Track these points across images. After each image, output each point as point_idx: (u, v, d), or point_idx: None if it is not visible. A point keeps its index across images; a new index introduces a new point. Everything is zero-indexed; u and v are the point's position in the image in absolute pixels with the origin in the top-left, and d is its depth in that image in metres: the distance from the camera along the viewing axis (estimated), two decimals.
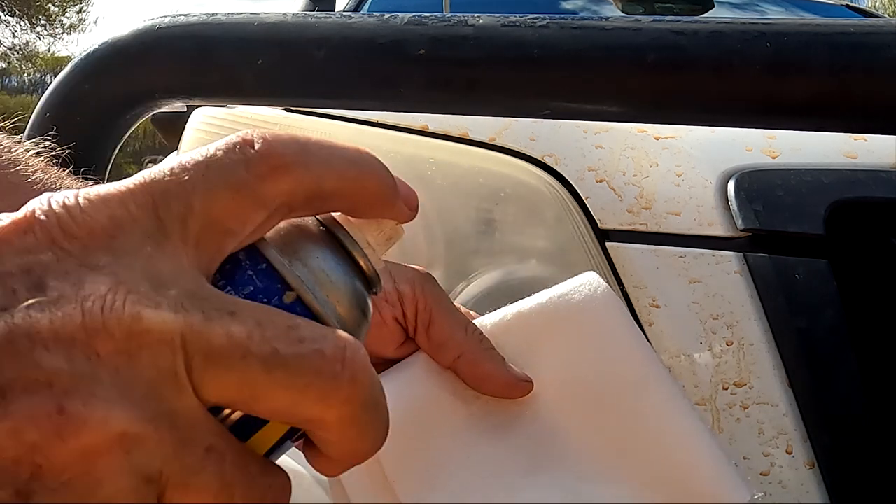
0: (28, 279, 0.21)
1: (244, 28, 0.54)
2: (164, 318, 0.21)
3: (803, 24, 0.47)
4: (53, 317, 0.21)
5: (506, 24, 0.50)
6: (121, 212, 0.23)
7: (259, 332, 0.22)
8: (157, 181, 0.23)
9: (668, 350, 0.59)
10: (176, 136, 0.84)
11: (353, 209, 0.27)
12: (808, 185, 0.62)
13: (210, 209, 0.24)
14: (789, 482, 0.55)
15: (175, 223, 0.23)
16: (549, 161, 0.67)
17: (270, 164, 0.24)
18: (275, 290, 0.24)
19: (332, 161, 0.26)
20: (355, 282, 0.27)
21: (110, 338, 0.21)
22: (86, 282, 0.21)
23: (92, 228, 0.22)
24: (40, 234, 0.22)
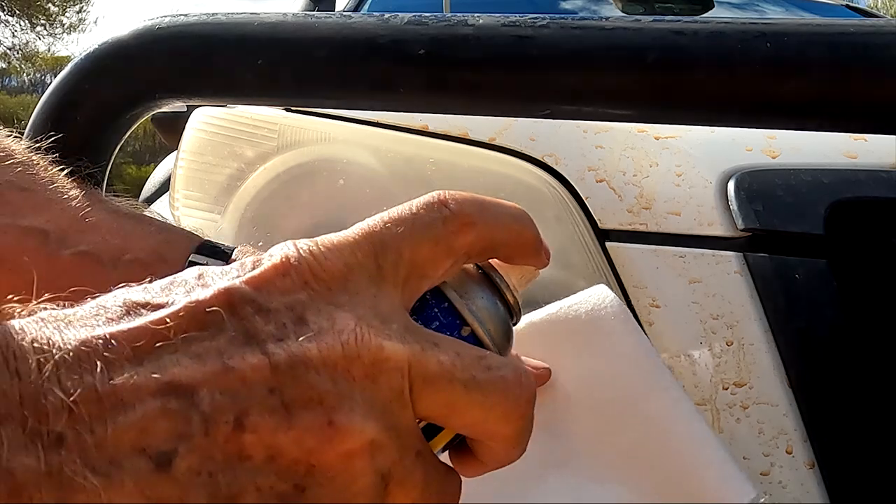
0: (293, 315, 0.26)
1: (244, 28, 0.54)
2: (397, 348, 0.27)
3: (803, 24, 0.47)
4: (320, 346, 0.25)
5: (506, 24, 0.50)
6: (351, 259, 0.28)
7: (459, 361, 0.28)
8: (376, 233, 0.29)
9: (668, 350, 0.59)
10: (176, 136, 0.84)
11: (509, 257, 0.33)
12: (808, 185, 0.62)
13: (415, 257, 0.29)
14: (789, 482, 0.55)
15: (390, 268, 0.29)
16: (549, 161, 0.67)
17: (461, 221, 0.30)
18: (455, 325, 0.31)
19: (503, 218, 0.32)
20: (506, 316, 0.33)
21: (361, 364, 0.26)
22: (336, 318, 0.26)
23: (332, 272, 0.27)
24: (295, 277, 0.27)
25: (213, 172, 0.77)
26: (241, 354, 0.25)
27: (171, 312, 0.25)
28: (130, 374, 0.23)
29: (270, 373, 0.25)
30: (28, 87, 23.25)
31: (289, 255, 0.27)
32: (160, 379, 0.23)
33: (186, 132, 0.80)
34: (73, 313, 0.25)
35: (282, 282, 0.27)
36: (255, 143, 0.75)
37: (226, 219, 0.75)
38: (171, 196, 0.80)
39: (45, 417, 0.22)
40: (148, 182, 2.07)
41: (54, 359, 0.23)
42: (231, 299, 0.26)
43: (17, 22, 20.88)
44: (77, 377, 0.23)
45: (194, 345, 0.24)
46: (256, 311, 0.26)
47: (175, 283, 0.27)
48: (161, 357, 0.24)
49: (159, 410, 0.23)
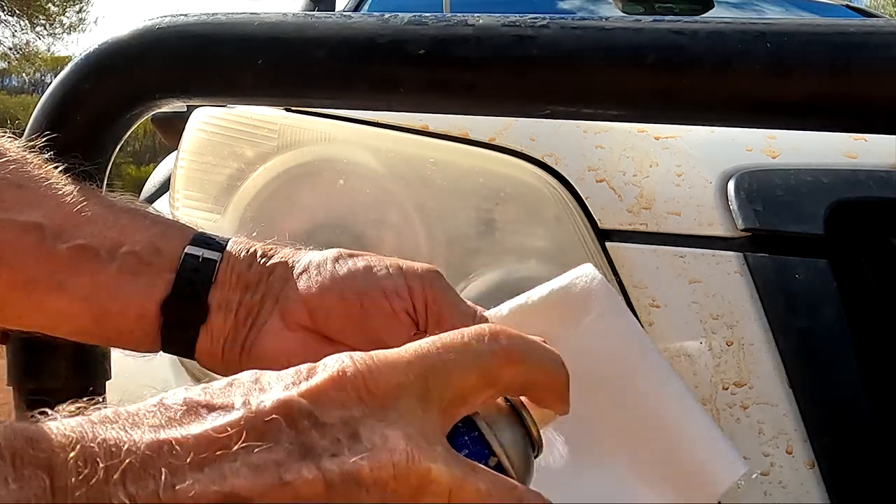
0: (347, 430, 0.27)
1: (244, 28, 0.54)
2: (442, 471, 0.28)
3: (803, 24, 0.47)
4: (372, 465, 0.26)
5: (506, 24, 0.50)
6: (403, 378, 0.29)
7: (495, 490, 0.29)
8: (429, 356, 0.30)
9: (668, 350, 0.59)
10: (176, 136, 0.83)
11: (539, 398, 0.35)
12: (808, 185, 0.62)
13: (461, 385, 0.30)
14: (789, 482, 0.55)
15: (436, 391, 0.30)
16: (549, 161, 0.67)
17: (510, 358, 0.32)
18: (483, 454, 0.32)
19: (545, 363, 0.34)
20: (529, 451, 0.34)
21: (408, 484, 0.27)
22: (389, 436, 0.27)
23: (385, 389, 0.28)
24: (351, 391, 0.28)
25: (213, 172, 0.77)
26: (298, 468, 0.26)
27: (232, 421, 0.26)
28: (192, 481, 0.24)
29: (324, 489, 0.26)
30: (28, 87, 23.27)
31: (345, 368, 0.28)
32: (220, 490, 0.24)
33: (186, 132, 0.80)
34: (137, 411, 0.26)
35: (337, 395, 0.28)
36: (255, 143, 0.75)
37: (226, 219, 0.75)
38: (171, 196, 0.80)
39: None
40: (148, 182, 2.07)
41: (123, 465, 0.23)
42: (289, 411, 0.27)
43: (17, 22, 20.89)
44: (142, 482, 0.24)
45: (253, 455, 0.25)
46: (313, 424, 0.27)
47: (234, 385, 0.28)
48: (221, 466, 0.25)
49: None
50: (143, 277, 0.46)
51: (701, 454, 0.43)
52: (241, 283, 0.47)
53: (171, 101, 0.57)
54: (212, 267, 0.47)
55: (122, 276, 0.46)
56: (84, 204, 0.47)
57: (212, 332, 0.46)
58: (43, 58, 21.97)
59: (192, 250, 0.47)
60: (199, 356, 0.47)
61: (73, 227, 0.46)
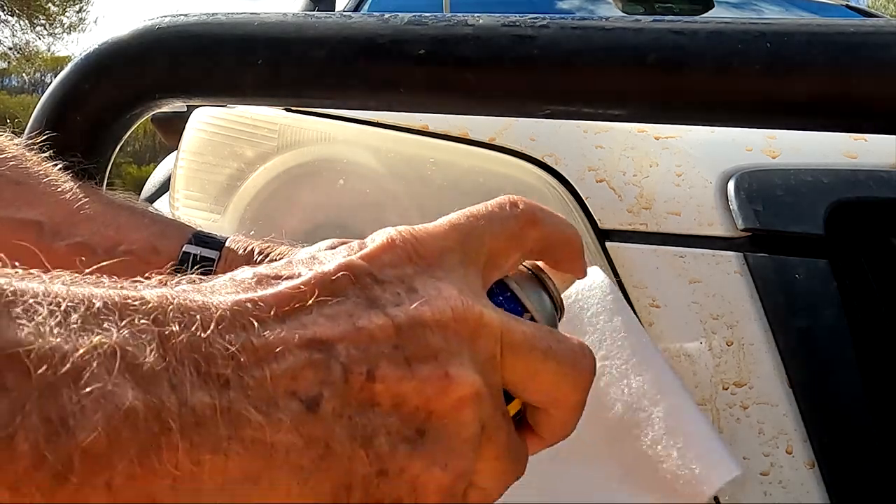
0: (404, 285, 0.30)
1: (244, 28, 0.54)
2: (493, 316, 0.31)
3: (803, 24, 0.47)
4: (433, 310, 0.29)
5: (506, 24, 0.50)
6: (444, 244, 0.32)
7: (538, 332, 0.32)
8: (462, 224, 0.33)
9: (668, 350, 0.59)
10: (176, 136, 0.83)
11: (557, 261, 0.37)
12: (808, 185, 0.62)
13: (493, 248, 0.33)
14: (789, 482, 0.55)
15: (473, 254, 0.32)
16: (549, 161, 0.67)
17: (530, 218, 0.34)
18: (517, 311, 0.34)
19: (560, 224, 0.36)
20: (555, 311, 0.37)
21: (466, 326, 0.30)
22: (442, 287, 0.30)
23: (430, 252, 0.31)
24: (401, 253, 0.30)
25: (213, 172, 0.77)
26: (368, 316, 0.28)
27: (303, 281, 0.28)
28: (279, 330, 0.26)
29: (394, 331, 0.28)
30: (28, 87, 23.25)
31: (392, 236, 0.31)
32: (304, 334, 0.27)
33: (186, 132, 0.80)
34: (213, 285, 0.28)
35: (390, 258, 0.30)
36: (255, 143, 0.75)
37: (226, 219, 0.75)
38: (171, 196, 0.80)
39: (214, 363, 0.25)
40: (148, 182, 2.07)
41: (215, 316, 0.26)
42: (353, 271, 0.29)
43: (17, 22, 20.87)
44: (235, 331, 0.26)
45: (326, 308, 0.28)
46: (374, 281, 0.29)
47: (294, 262, 0.30)
48: (300, 317, 0.27)
49: (306, 360, 0.26)
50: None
51: (694, 454, 0.43)
52: None
53: (171, 101, 0.57)
54: (209, 265, 0.47)
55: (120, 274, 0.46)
56: (83, 202, 0.48)
57: None
58: (43, 58, 21.95)
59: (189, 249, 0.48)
60: None
61: (71, 225, 0.47)
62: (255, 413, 0.24)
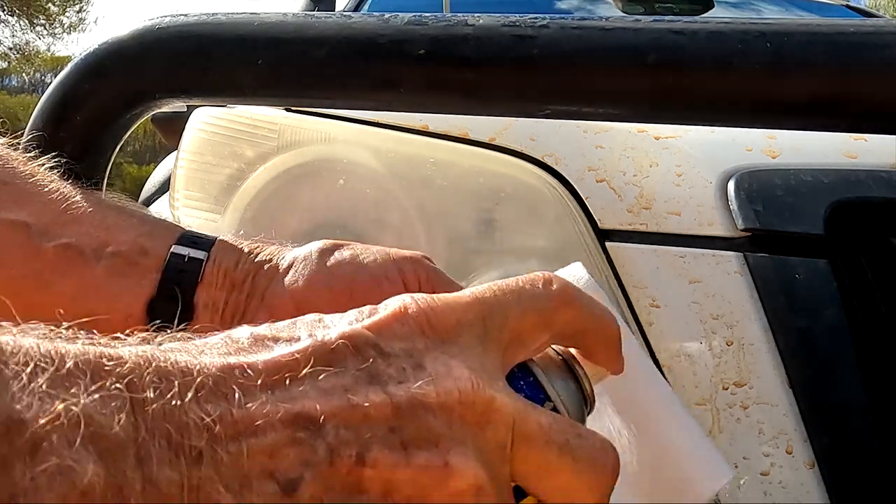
0: (412, 360, 0.27)
1: (244, 28, 0.54)
2: (506, 402, 0.28)
3: (803, 24, 0.47)
4: (438, 391, 0.27)
5: (506, 24, 0.50)
6: (463, 317, 0.29)
7: (556, 424, 0.29)
8: (486, 298, 0.31)
9: (668, 350, 0.59)
10: (176, 136, 0.83)
11: (590, 350, 0.35)
12: (808, 185, 0.62)
13: (519, 326, 0.31)
14: (789, 482, 0.55)
15: (496, 332, 0.30)
16: (549, 161, 0.67)
17: (564, 299, 0.32)
18: (539, 399, 0.32)
19: (596, 309, 0.34)
20: (582, 404, 0.35)
21: (474, 411, 0.27)
22: (452, 366, 0.28)
23: (446, 325, 0.29)
24: (413, 325, 0.28)
25: (213, 172, 0.77)
26: (366, 392, 0.26)
27: (300, 348, 0.26)
28: (263, 401, 0.25)
29: (392, 412, 0.26)
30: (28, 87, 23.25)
31: (406, 304, 0.29)
32: (290, 409, 0.25)
33: (186, 132, 0.80)
34: (205, 343, 0.27)
35: (400, 328, 0.28)
36: (255, 143, 0.75)
37: (226, 219, 0.75)
38: (171, 196, 0.80)
39: (188, 434, 0.23)
40: (148, 182, 2.07)
41: (195, 382, 0.24)
42: (355, 341, 0.27)
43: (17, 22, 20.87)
44: (216, 400, 0.24)
45: (321, 380, 0.26)
46: (378, 354, 0.27)
47: (297, 324, 0.28)
48: (290, 388, 0.25)
49: (289, 438, 0.24)
50: (129, 278, 0.46)
51: (685, 459, 0.43)
52: (227, 281, 0.47)
53: (171, 101, 0.57)
54: (198, 266, 0.46)
55: (109, 276, 0.45)
56: (71, 202, 0.47)
57: (198, 332, 0.46)
58: (43, 58, 21.95)
59: (178, 250, 0.47)
60: None
61: (59, 226, 0.46)
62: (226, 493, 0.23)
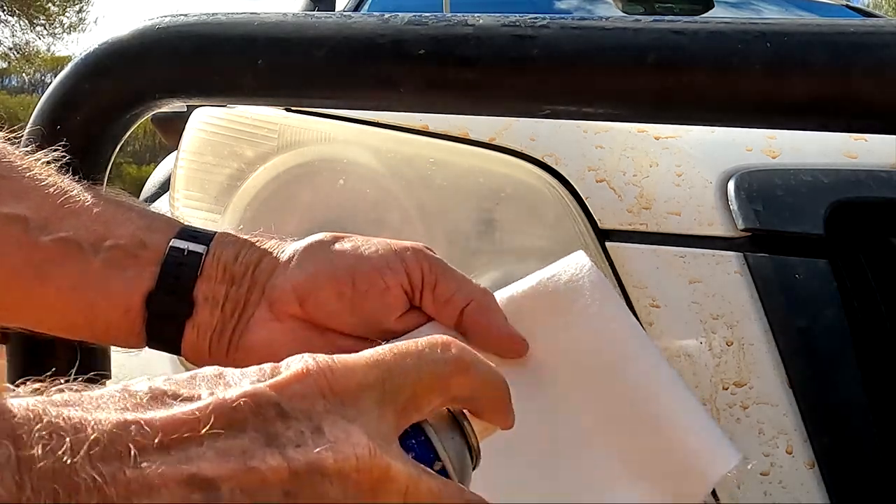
0: (311, 424, 0.27)
1: (244, 28, 0.54)
2: (400, 469, 0.29)
3: (803, 24, 0.47)
4: (336, 457, 0.27)
5: (506, 24, 0.50)
6: (363, 380, 0.30)
7: (446, 491, 0.30)
8: (386, 361, 0.31)
9: (668, 350, 0.59)
10: (176, 136, 0.83)
11: (480, 410, 0.36)
12: (808, 185, 0.62)
13: (415, 390, 0.31)
14: (789, 482, 0.55)
15: (392, 395, 0.30)
16: (549, 161, 0.67)
17: (460, 366, 0.33)
18: (428, 459, 0.33)
19: (489, 376, 0.35)
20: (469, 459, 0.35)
21: (370, 477, 0.28)
22: (351, 432, 0.28)
23: (346, 388, 0.29)
24: (314, 386, 0.28)
25: (213, 172, 0.77)
26: (263, 455, 0.26)
27: (200, 407, 0.26)
28: (159, 462, 0.24)
29: (288, 476, 0.26)
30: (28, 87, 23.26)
31: (308, 366, 0.29)
32: (185, 470, 0.24)
33: (186, 132, 0.80)
34: (101, 396, 0.26)
35: (301, 389, 0.28)
36: (255, 143, 0.75)
37: (226, 219, 0.75)
38: (171, 196, 0.80)
39: (76, 494, 0.22)
40: (148, 182, 2.07)
41: (89, 440, 0.23)
42: (257, 400, 0.27)
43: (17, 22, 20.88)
44: (109, 458, 0.23)
45: (219, 441, 0.25)
46: (279, 414, 0.27)
47: (197, 378, 0.28)
48: (188, 449, 0.25)
49: (183, 500, 0.24)
50: (128, 271, 0.45)
51: (693, 443, 0.43)
52: (227, 275, 0.46)
53: (171, 101, 0.57)
54: (197, 260, 0.46)
55: (108, 269, 0.45)
56: (69, 196, 0.47)
57: (198, 326, 0.46)
58: (43, 58, 21.95)
59: (177, 243, 0.46)
60: (186, 351, 0.46)
61: (57, 220, 0.46)
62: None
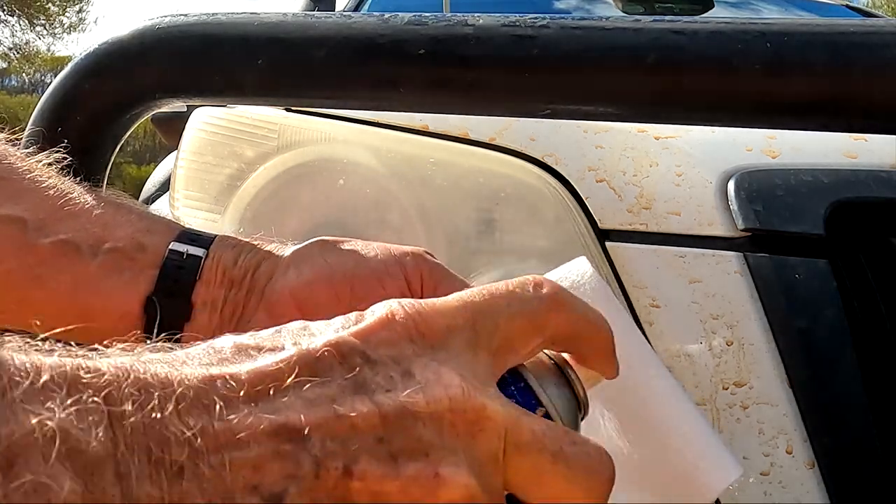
0: (400, 368, 0.27)
1: (244, 28, 0.54)
2: (498, 409, 0.27)
3: (803, 24, 0.47)
4: (428, 399, 0.26)
5: (506, 24, 0.50)
6: (452, 322, 0.29)
7: (550, 432, 0.29)
8: (476, 302, 0.30)
9: (669, 350, 0.59)
10: (176, 136, 0.84)
11: (583, 356, 0.34)
12: (808, 185, 0.62)
13: (509, 331, 0.30)
14: (789, 482, 0.55)
15: (485, 336, 0.29)
16: (549, 161, 0.67)
17: (555, 303, 0.31)
18: (531, 405, 0.31)
19: (589, 314, 0.33)
20: (576, 409, 0.34)
21: (465, 419, 0.27)
22: (442, 373, 0.27)
23: (434, 331, 0.28)
24: (401, 331, 0.28)
25: (213, 172, 0.77)
26: (352, 402, 0.25)
27: (284, 357, 0.26)
28: (246, 413, 0.24)
29: (380, 422, 0.25)
30: (28, 87, 23.25)
31: (393, 310, 0.28)
32: (274, 420, 0.24)
33: (186, 132, 0.80)
34: (187, 353, 0.26)
35: (387, 335, 0.27)
36: (255, 143, 0.75)
37: (226, 219, 0.75)
38: (171, 196, 0.80)
39: (168, 448, 0.22)
40: (148, 182, 2.07)
41: (176, 394, 0.23)
42: (341, 349, 0.26)
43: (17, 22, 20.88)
44: (196, 412, 0.23)
45: (306, 390, 0.25)
46: (365, 361, 0.27)
47: (282, 332, 0.28)
48: (275, 399, 0.25)
49: (273, 451, 0.24)
50: (126, 274, 0.45)
51: (694, 455, 0.42)
52: (226, 279, 0.46)
53: (171, 101, 0.57)
54: (196, 263, 0.46)
55: (105, 272, 0.45)
56: (68, 198, 0.47)
57: (197, 330, 0.45)
58: (43, 58, 21.95)
59: (176, 246, 0.46)
60: None
61: (55, 222, 0.45)
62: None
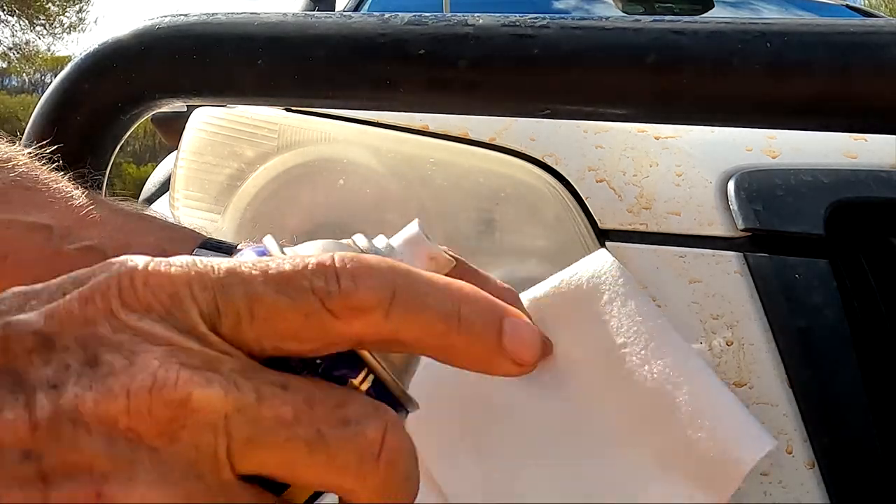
0: (83, 353, 0.21)
1: (244, 28, 0.54)
2: (211, 397, 0.21)
3: (803, 24, 0.47)
4: (98, 396, 0.20)
5: (506, 24, 0.50)
6: (184, 291, 0.22)
7: (307, 411, 0.22)
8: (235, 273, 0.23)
9: None
10: (176, 136, 0.84)
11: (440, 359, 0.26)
12: (808, 185, 0.61)
13: (274, 323, 0.23)
14: (789, 482, 0.55)
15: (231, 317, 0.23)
16: (549, 161, 0.67)
17: (349, 304, 0.23)
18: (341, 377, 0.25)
19: (422, 313, 0.24)
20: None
21: (153, 420, 0.20)
22: (137, 357, 0.21)
23: (150, 303, 0.22)
24: (101, 303, 0.22)
25: (213, 172, 0.77)
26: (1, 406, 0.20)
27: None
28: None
29: (28, 432, 0.20)
30: (28, 87, 23.25)
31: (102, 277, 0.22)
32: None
33: (186, 132, 0.80)
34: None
35: (83, 311, 0.21)
36: (255, 143, 0.75)
37: (226, 219, 0.75)
38: (171, 196, 0.80)
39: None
40: (148, 182, 2.07)
41: None
42: (7, 332, 0.21)
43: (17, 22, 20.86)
44: None
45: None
46: (38, 346, 0.21)
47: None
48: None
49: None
50: None
51: (724, 432, 0.42)
52: None
53: (171, 101, 0.57)
54: None
55: None
56: (92, 207, 0.47)
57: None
58: (43, 58, 21.94)
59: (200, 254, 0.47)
60: None
61: (80, 229, 0.46)
62: None
